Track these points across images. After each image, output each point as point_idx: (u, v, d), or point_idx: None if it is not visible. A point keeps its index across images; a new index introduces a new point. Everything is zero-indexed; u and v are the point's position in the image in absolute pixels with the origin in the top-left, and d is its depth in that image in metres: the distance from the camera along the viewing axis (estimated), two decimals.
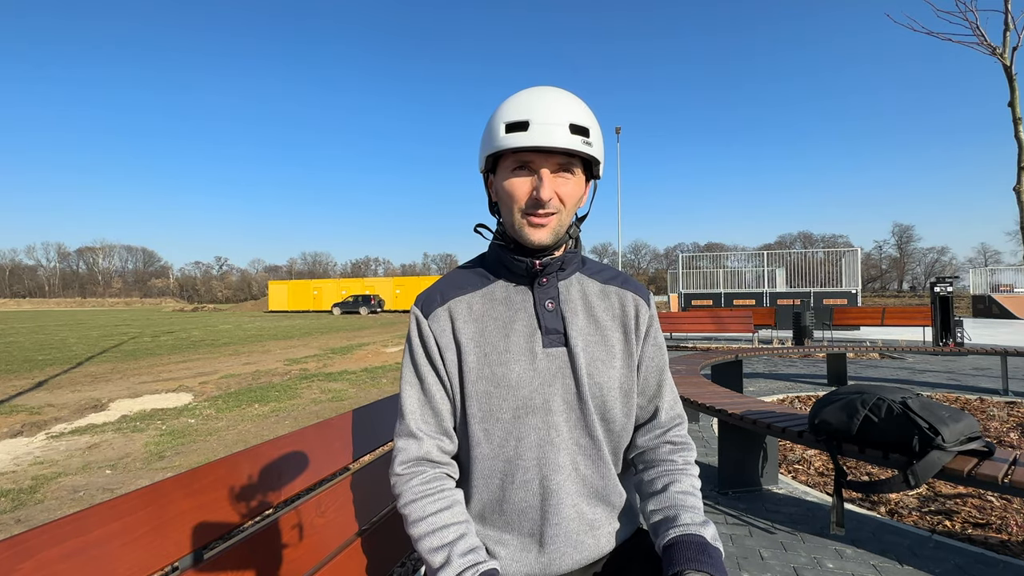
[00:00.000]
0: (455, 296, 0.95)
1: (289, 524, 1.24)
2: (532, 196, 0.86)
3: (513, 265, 0.93)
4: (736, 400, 3.08)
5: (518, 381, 0.89)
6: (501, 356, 0.90)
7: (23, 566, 0.75)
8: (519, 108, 0.85)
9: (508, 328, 0.92)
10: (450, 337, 0.92)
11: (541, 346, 0.91)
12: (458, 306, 0.94)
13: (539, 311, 0.93)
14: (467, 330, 0.92)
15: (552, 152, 0.85)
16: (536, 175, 0.86)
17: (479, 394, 0.89)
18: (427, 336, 0.93)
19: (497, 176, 0.91)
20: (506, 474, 0.90)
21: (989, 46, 4.34)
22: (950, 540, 2.38)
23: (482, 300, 0.95)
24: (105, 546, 0.86)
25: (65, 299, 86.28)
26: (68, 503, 3.30)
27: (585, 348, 0.92)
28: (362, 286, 41.65)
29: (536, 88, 0.89)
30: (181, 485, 1.03)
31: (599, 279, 1.00)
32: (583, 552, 0.91)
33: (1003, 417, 4.59)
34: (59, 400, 6.60)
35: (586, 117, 0.87)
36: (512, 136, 0.84)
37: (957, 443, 1.87)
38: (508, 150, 0.85)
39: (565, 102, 0.86)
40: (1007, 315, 20.39)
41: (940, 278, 8.86)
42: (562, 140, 0.83)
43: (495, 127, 0.86)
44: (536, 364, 0.90)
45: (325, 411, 5.78)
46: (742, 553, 2.33)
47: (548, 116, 0.83)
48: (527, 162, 0.86)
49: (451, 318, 0.93)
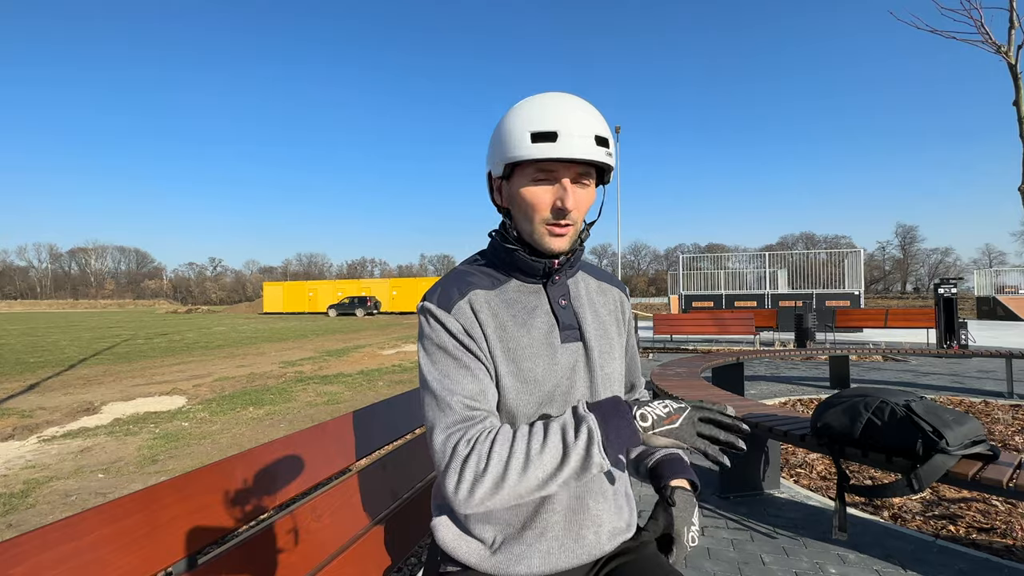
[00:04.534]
0: (471, 290, 0.94)
1: (284, 529, 1.24)
2: (556, 206, 0.87)
3: (528, 266, 0.94)
4: (737, 403, 3.06)
5: (543, 376, 0.91)
6: (525, 351, 0.91)
7: (15, 571, 0.74)
8: (545, 118, 0.85)
9: (528, 325, 0.93)
10: (478, 330, 0.90)
11: (559, 341, 0.94)
12: (477, 301, 0.92)
13: (555, 308, 0.96)
14: (490, 324, 0.91)
15: (575, 162, 0.87)
16: (559, 184, 0.87)
17: (505, 389, 0.90)
18: (455, 326, 0.89)
19: (513, 182, 0.90)
20: None
21: (994, 44, 4.34)
22: (954, 545, 2.37)
23: (498, 298, 0.95)
24: (98, 551, 0.85)
25: (57, 300, 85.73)
26: (60, 507, 3.26)
27: (596, 342, 0.97)
28: (358, 287, 41.54)
29: (558, 96, 0.89)
30: (175, 489, 1.02)
31: (596, 277, 1.07)
32: (585, 548, 0.92)
33: (1008, 420, 4.59)
34: (51, 403, 6.54)
35: (606, 128, 0.90)
36: (540, 146, 0.84)
37: (961, 447, 1.85)
38: (532, 159, 0.85)
39: (590, 113, 0.88)
40: (1012, 317, 20.27)
41: (944, 279, 8.83)
42: (591, 152, 0.85)
43: (518, 135, 0.85)
44: (557, 358, 0.93)
45: (321, 414, 5.74)
46: (743, 558, 2.31)
47: (576, 128, 0.85)
48: (551, 172, 0.87)
49: (474, 311, 0.91)
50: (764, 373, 7.77)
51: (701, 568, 2.24)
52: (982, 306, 22.47)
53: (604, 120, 0.91)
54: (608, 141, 0.88)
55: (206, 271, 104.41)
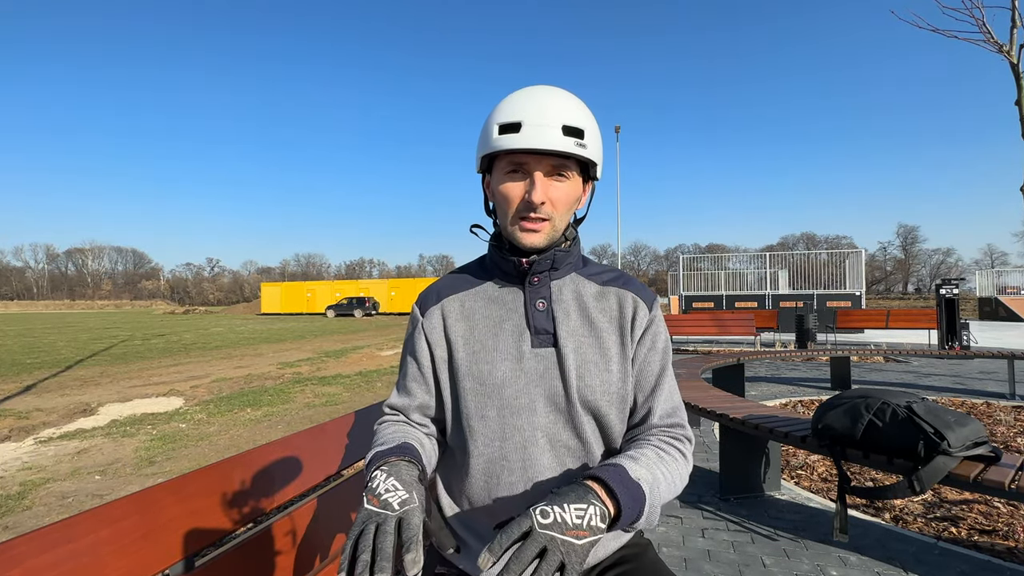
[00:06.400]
0: (449, 295, 0.97)
1: (282, 531, 1.23)
2: (524, 199, 0.86)
3: (504, 264, 0.93)
4: (738, 404, 3.05)
5: (503, 380, 0.88)
6: (489, 355, 0.90)
7: (11, 574, 0.74)
8: (512, 109, 0.85)
9: (498, 327, 0.92)
10: (440, 335, 0.94)
11: (530, 346, 0.90)
12: (451, 304, 0.95)
13: (529, 311, 0.92)
14: (458, 328, 0.93)
15: (545, 154, 0.84)
16: (529, 178, 0.85)
17: (466, 392, 0.90)
18: (418, 332, 0.96)
19: (492, 178, 0.91)
20: (491, 475, 0.89)
21: (996, 43, 4.33)
22: (956, 547, 2.36)
23: (474, 299, 0.95)
24: (94, 553, 0.85)
25: (54, 301, 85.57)
26: (57, 509, 3.24)
27: (576, 349, 0.90)
28: (357, 288, 41.52)
29: (531, 88, 0.89)
30: (172, 491, 1.02)
31: (598, 280, 0.97)
32: None
33: (1010, 422, 4.58)
34: (48, 404, 6.52)
35: (581, 118, 0.85)
36: (505, 138, 0.84)
37: (963, 448, 1.84)
38: (502, 152, 0.85)
39: (559, 102, 0.85)
40: (1014, 318, 20.13)
41: (946, 280, 8.83)
42: (554, 142, 0.82)
43: (489, 128, 0.86)
44: (523, 364, 0.89)
45: (319, 415, 5.72)
46: (744, 560, 2.30)
47: (540, 117, 0.82)
48: (521, 164, 0.86)
49: (443, 316, 0.95)
50: (765, 374, 7.77)
51: (701, 570, 2.23)
52: (984, 307, 22.31)
53: (584, 111, 0.87)
54: (582, 132, 0.84)
55: (204, 271, 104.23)
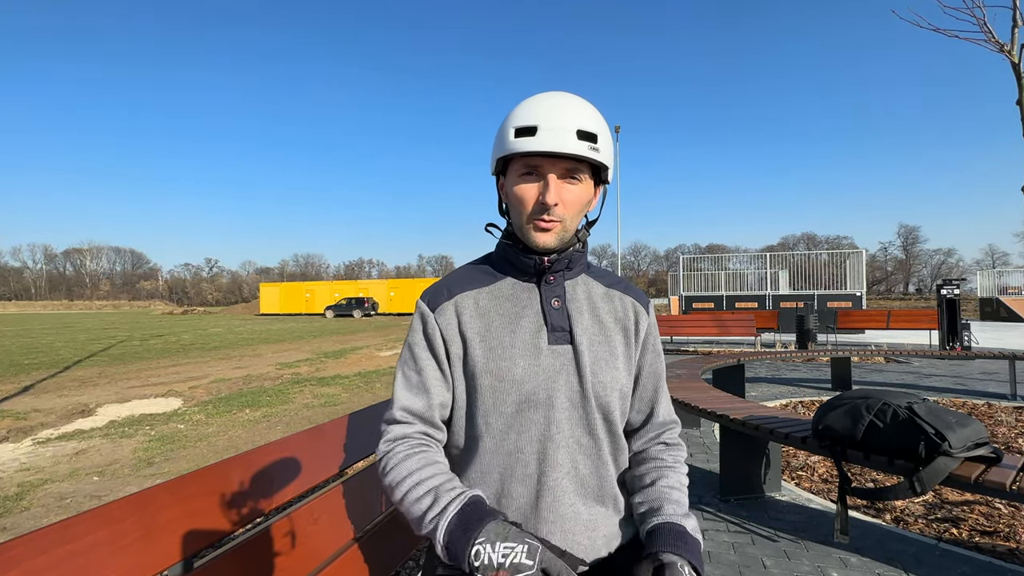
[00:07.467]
0: (462, 291, 0.97)
1: (281, 532, 1.22)
2: (539, 201, 0.89)
3: (521, 263, 0.95)
4: (738, 405, 3.05)
5: (523, 376, 0.90)
6: (507, 351, 0.91)
7: (9, 575, 0.74)
8: (529, 113, 0.88)
9: (514, 324, 0.93)
10: (455, 331, 0.94)
11: (547, 342, 0.92)
12: (465, 301, 0.95)
13: (546, 308, 0.95)
14: (473, 325, 0.93)
15: (560, 157, 0.87)
16: (543, 180, 0.89)
17: (483, 388, 0.90)
18: (432, 329, 0.94)
19: (507, 179, 0.94)
20: (506, 468, 0.90)
21: (997, 43, 4.32)
22: (957, 548, 2.36)
23: (489, 296, 0.96)
24: (93, 554, 0.85)
25: (52, 302, 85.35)
26: (55, 510, 3.24)
27: (590, 347, 0.94)
28: (356, 288, 41.49)
29: (547, 93, 0.92)
30: (170, 492, 1.02)
31: (603, 283, 1.03)
32: (578, 553, 0.91)
33: (1011, 422, 4.59)
34: (46, 405, 6.50)
35: (594, 123, 0.89)
36: (521, 141, 0.87)
37: (964, 449, 1.84)
38: (517, 154, 0.88)
39: (574, 108, 0.89)
40: (1015, 318, 20.12)
41: (947, 280, 8.85)
42: (569, 146, 0.85)
43: (506, 131, 0.89)
44: (541, 360, 0.91)
45: (318, 416, 5.72)
46: (744, 561, 2.30)
47: (556, 122, 0.86)
48: (535, 167, 0.89)
49: (457, 313, 0.94)
50: (765, 375, 7.77)
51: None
52: (985, 307, 22.27)
53: (597, 117, 0.91)
54: (596, 137, 0.88)
55: (202, 272, 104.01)
